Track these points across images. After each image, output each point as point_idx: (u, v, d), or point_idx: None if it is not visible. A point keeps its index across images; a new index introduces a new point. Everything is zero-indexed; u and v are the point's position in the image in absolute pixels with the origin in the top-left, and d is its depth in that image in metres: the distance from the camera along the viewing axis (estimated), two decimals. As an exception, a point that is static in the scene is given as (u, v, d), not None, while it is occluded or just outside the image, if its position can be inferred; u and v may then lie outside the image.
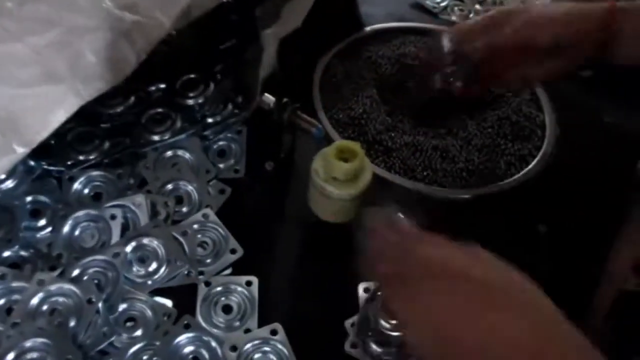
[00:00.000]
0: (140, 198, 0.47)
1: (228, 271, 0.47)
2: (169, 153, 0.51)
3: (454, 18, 0.72)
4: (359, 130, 0.59)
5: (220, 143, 0.53)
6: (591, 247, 0.55)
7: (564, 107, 0.63)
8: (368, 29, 0.69)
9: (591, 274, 0.55)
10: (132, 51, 0.43)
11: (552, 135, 0.61)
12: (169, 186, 0.49)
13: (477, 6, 0.73)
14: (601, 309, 0.58)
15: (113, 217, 0.46)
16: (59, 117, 0.40)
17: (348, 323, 0.45)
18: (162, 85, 0.53)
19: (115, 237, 0.46)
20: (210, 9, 0.47)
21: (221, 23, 0.60)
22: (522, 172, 0.57)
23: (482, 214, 0.55)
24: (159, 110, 0.52)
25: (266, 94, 0.50)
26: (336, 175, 0.45)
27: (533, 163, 0.58)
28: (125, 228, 0.46)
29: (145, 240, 0.45)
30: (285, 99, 0.49)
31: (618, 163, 0.62)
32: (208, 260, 0.47)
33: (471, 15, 0.72)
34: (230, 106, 0.55)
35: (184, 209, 0.49)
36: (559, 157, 0.59)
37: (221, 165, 0.53)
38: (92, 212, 0.46)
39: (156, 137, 0.51)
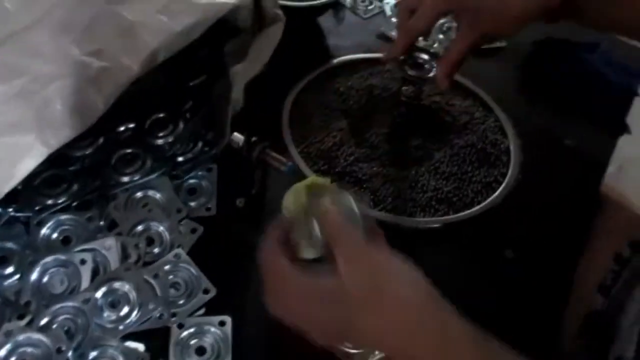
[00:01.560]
0: (110, 241, 0.47)
1: (201, 311, 0.47)
2: (139, 194, 0.51)
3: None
4: (329, 163, 0.60)
5: (191, 181, 0.54)
6: (558, 269, 0.57)
7: (527, 133, 0.65)
8: (336, 60, 0.70)
9: (559, 296, 0.56)
10: (100, 97, 0.43)
11: (517, 161, 0.63)
12: (140, 227, 0.49)
13: (441, 35, 0.75)
14: (570, 329, 0.60)
15: (83, 261, 0.46)
16: (26, 166, 0.40)
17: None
18: (132, 125, 0.54)
19: (86, 282, 0.45)
20: (178, 50, 0.48)
21: (191, 59, 0.60)
22: (489, 199, 0.59)
23: (451, 241, 0.56)
24: (129, 150, 0.52)
25: (235, 133, 0.51)
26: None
27: (499, 190, 0.60)
28: (95, 272, 0.46)
29: (116, 284, 0.45)
30: (254, 138, 0.49)
31: (581, 186, 0.64)
32: (181, 302, 0.47)
33: (435, 45, 0.74)
34: (200, 144, 0.55)
35: (156, 250, 0.49)
36: (524, 183, 0.61)
37: (192, 204, 0.53)
38: (61, 257, 0.46)
39: (126, 178, 0.51)
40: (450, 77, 0.56)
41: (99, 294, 0.44)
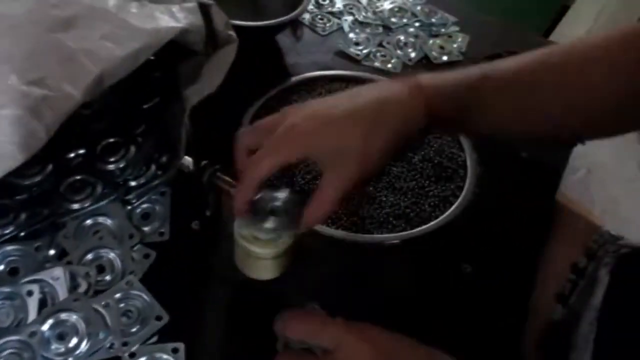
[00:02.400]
0: (58, 271, 0.46)
1: (154, 339, 0.46)
2: (90, 221, 0.50)
3: (377, 64, 0.74)
4: (286, 182, 0.60)
5: (144, 206, 0.53)
6: (516, 282, 0.58)
7: (484, 146, 0.66)
8: (294, 79, 0.71)
9: (518, 309, 0.57)
10: (41, 127, 0.42)
11: (474, 174, 0.63)
12: (90, 255, 0.48)
13: (399, 51, 0.76)
14: (531, 340, 0.60)
15: (30, 293, 0.45)
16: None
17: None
18: (82, 151, 0.53)
19: (32, 314, 0.44)
20: (124, 76, 0.47)
21: (143, 82, 0.60)
22: (446, 213, 0.59)
23: (409, 257, 0.57)
24: (79, 177, 0.52)
25: (185, 157, 0.50)
26: (257, 235, 0.46)
27: (456, 204, 0.60)
28: (43, 304, 0.45)
29: (64, 316, 0.44)
30: (204, 162, 0.49)
31: (537, 197, 0.65)
32: (133, 330, 0.46)
33: (393, 60, 0.75)
34: (153, 167, 0.54)
35: (107, 277, 0.48)
36: (481, 196, 0.62)
37: (146, 229, 0.52)
38: (7, 289, 0.45)
39: (76, 206, 0.50)
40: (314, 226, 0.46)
41: (46, 327, 0.43)
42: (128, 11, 0.52)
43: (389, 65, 0.74)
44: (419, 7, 0.82)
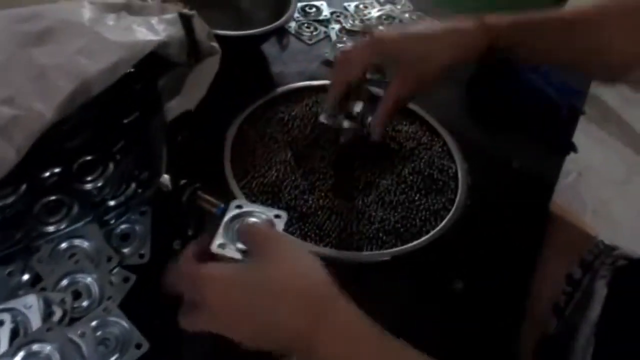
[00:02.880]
0: (31, 298, 0.44)
1: (134, 368, 0.44)
2: (65, 244, 0.48)
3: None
4: (272, 198, 0.58)
5: (123, 226, 0.51)
6: (510, 296, 0.56)
7: (474, 157, 0.65)
8: (280, 89, 0.69)
9: (512, 324, 0.55)
10: (11, 148, 0.40)
11: (465, 186, 0.62)
12: (66, 281, 0.46)
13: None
14: (527, 352, 0.59)
15: (0, 322, 0.43)
16: None
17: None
18: (57, 170, 0.51)
19: (4, 345, 0.42)
20: (95, 94, 0.45)
21: (123, 95, 0.58)
22: (437, 228, 0.58)
23: (400, 274, 0.55)
24: (54, 197, 0.49)
25: (164, 175, 0.48)
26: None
27: (447, 217, 0.59)
28: (15, 334, 0.43)
29: (37, 347, 0.42)
30: (183, 181, 0.47)
31: (530, 207, 0.64)
32: (111, 359, 0.44)
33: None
34: (133, 185, 0.52)
35: (84, 304, 0.46)
36: (473, 208, 0.60)
37: (125, 251, 0.50)
38: (-23, 319, 0.43)
39: (51, 228, 0.48)
40: (384, 128, 0.58)
41: (17, 359, 0.41)
42: (104, 24, 0.50)
43: (378, 75, 0.72)
44: (407, 15, 0.80)
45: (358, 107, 0.58)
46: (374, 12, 0.80)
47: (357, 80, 0.56)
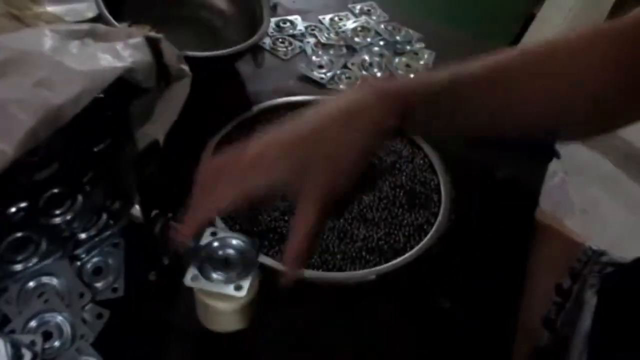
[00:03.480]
0: (-2, 343, 0.42)
1: (109, 409, 0.42)
2: (33, 283, 0.46)
3: (342, 87, 0.71)
4: (251, 221, 0.56)
5: (95, 260, 0.49)
6: (499, 312, 0.55)
7: (457, 168, 0.64)
8: (256, 108, 0.67)
9: (502, 341, 0.54)
10: (-32, 187, 0.38)
11: (448, 199, 0.61)
12: (35, 321, 0.44)
13: (364, 72, 0.74)
14: (519, 365, 0.58)
15: (-34, 371, 0.41)
16: None
17: None
18: (23, 205, 0.49)
19: (-31, 395, 0.40)
20: (59, 126, 0.43)
21: (94, 121, 0.56)
22: (421, 243, 0.56)
23: (385, 293, 0.53)
24: (20, 234, 0.48)
25: (136, 206, 0.47)
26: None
27: (431, 232, 0.57)
28: (-19, 382, 0.41)
29: (4, 395, 0.40)
30: (154, 212, 0.45)
31: (516, 218, 0.62)
32: (86, 401, 0.42)
33: (358, 82, 0.72)
34: (104, 216, 0.51)
35: (56, 344, 0.44)
36: (457, 221, 0.59)
37: (98, 285, 0.48)
38: (-59, 368, 0.41)
39: (18, 267, 0.46)
40: (301, 268, 0.40)
41: (-16, 409, 0.39)
42: (67, 52, 0.48)
43: (342, 86, 0.71)
44: (382, 25, 0.79)
45: (230, 248, 0.43)
46: (349, 24, 0.79)
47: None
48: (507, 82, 0.43)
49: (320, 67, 0.73)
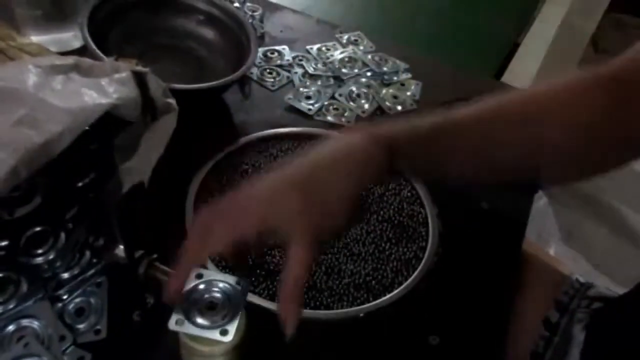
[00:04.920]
0: (-27, 392, 0.40)
1: None
2: (12, 326, 0.44)
3: (329, 118, 0.71)
4: (238, 257, 0.55)
5: (77, 300, 0.48)
6: (487, 346, 0.54)
7: (444, 200, 0.64)
8: (243, 139, 0.67)
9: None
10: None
11: (436, 232, 0.61)
12: (13, 368, 0.43)
13: (352, 103, 0.74)
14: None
15: (-61, 422, 0.39)
16: None
17: None
18: (3, 243, 0.47)
19: None
20: (41, 164, 0.43)
21: (78, 155, 0.55)
22: (409, 279, 0.56)
23: (373, 331, 0.53)
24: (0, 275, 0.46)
25: (120, 246, 0.46)
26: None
27: (419, 267, 0.57)
28: None
29: None
30: (138, 252, 0.44)
31: (502, 250, 0.62)
32: None
33: (346, 113, 0.72)
34: (87, 255, 0.49)
35: (35, 391, 0.43)
36: (445, 255, 0.59)
37: (80, 327, 0.47)
38: None
39: (-4, 309, 0.45)
40: (299, 313, 0.40)
41: None
42: (50, 89, 0.47)
43: (343, 119, 0.71)
44: (369, 56, 0.80)
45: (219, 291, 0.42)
46: (337, 55, 0.80)
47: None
48: (490, 131, 0.45)
49: (308, 97, 0.73)
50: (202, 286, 0.42)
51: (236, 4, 0.81)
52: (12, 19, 0.69)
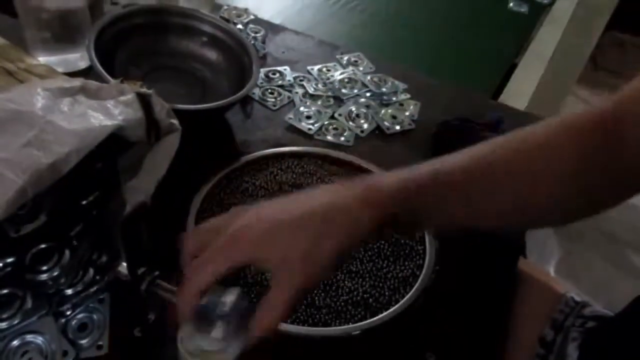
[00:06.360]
0: (-22, 406, 0.41)
1: None
2: (17, 341, 0.46)
3: (329, 137, 0.73)
4: (237, 274, 0.56)
5: (80, 316, 0.49)
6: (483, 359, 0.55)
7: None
8: (244, 158, 0.68)
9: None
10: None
11: (433, 250, 0.62)
12: (17, 382, 0.44)
13: (351, 123, 0.75)
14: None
15: None
16: None
17: None
18: (9, 260, 0.49)
19: None
20: (48, 184, 0.44)
21: (83, 174, 0.57)
22: (407, 297, 0.57)
23: (370, 349, 0.54)
24: (5, 291, 0.47)
25: (122, 263, 0.47)
26: (203, 346, 0.42)
27: (417, 285, 0.58)
28: None
29: None
30: (141, 269, 0.46)
31: (499, 268, 0.63)
32: None
33: (345, 133, 0.74)
34: (91, 271, 0.51)
35: (37, 406, 0.44)
36: (442, 273, 0.60)
37: (82, 342, 0.48)
38: None
39: (2, 325, 0.46)
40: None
41: None
42: (58, 111, 0.49)
43: (342, 139, 0.73)
44: (369, 77, 0.82)
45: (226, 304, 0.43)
46: (337, 75, 0.82)
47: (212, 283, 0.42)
48: (477, 184, 0.45)
49: (308, 117, 0.75)
50: (206, 299, 0.43)
51: (239, 26, 0.84)
52: (22, 40, 0.71)
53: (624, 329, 0.54)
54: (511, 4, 1.20)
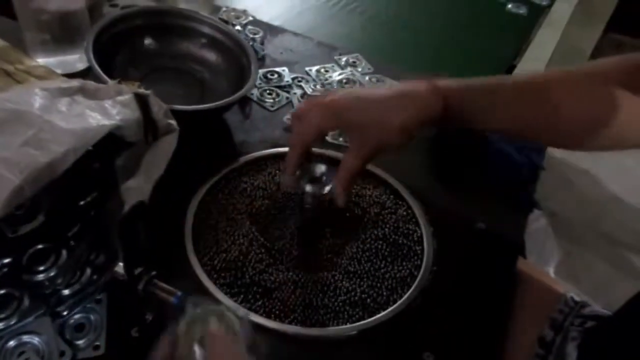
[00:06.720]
0: (-26, 406, 0.41)
1: None
2: (13, 342, 0.45)
3: (328, 138, 0.73)
4: (236, 274, 0.56)
5: (77, 316, 0.49)
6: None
7: (439, 219, 0.65)
8: (242, 159, 0.68)
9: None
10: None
11: (431, 251, 0.62)
12: (13, 383, 0.44)
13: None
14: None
15: None
16: None
17: None
18: (6, 261, 0.49)
19: None
20: (45, 183, 0.44)
21: (81, 174, 0.57)
22: (404, 297, 0.57)
23: (367, 349, 0.53)
24: (2, 291, 0.47)
25: (120, 264, 0.47)
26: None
27: (414, 285, 0.58)
28: None
29: None
30: (138, 269, 0.46)
31: (497, 269, 0.63)
32: None
33: (340, 139, 0.74)
34: (88, 271, 0.51)
35: (34, 406, 0.44)
36: (439, 274, 0.60)
37: (79, 342, 0.48)
38: None
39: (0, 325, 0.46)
40: (347, 193, 0.57)
41: None
42: (56, 110, 0.49)
43: (340, 139, 0.73)
44: (367, 78, 0.82)
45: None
46: (335, 76, 0.82)
47: (315, 141, 0.56)
48: (521, 96, 0.57)
49: (306, 118, 0.74)
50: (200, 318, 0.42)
51: (238, 27, 0.84)
52: (21, 41, 0.71)
53: (622, 328, 0.54)
54: (510, 6, 1.20)
